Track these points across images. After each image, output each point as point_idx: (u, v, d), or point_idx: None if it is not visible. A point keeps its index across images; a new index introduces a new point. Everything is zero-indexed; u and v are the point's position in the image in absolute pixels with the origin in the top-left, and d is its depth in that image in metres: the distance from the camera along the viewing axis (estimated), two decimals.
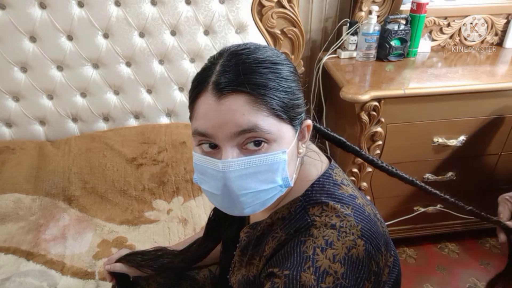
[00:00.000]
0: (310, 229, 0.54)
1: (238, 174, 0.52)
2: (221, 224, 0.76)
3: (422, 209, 1.62)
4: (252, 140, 0.51)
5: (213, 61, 0.55)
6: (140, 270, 0.84)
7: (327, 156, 0.67)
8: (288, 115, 0.53)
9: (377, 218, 0.59)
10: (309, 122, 0.58)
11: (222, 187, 0.53)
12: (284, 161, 0.53)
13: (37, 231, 1.16)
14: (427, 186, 0.70)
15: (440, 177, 1.53)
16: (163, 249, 0.86)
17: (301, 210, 0.57)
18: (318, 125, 0.68)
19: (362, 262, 0.51)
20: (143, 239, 1.16)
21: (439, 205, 1.62)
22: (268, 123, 0.51)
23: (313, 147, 0.66)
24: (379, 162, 0.69)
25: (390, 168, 0.68)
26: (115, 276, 0.88)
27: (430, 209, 1.62)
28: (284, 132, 0.53)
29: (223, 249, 0.80)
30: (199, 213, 1.24)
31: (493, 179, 1.59)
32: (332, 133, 0.70)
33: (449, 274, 1.65)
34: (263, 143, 0.52)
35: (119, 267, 0.86)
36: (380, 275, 0.54)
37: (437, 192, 0.70)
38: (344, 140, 0.70)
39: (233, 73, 0.51)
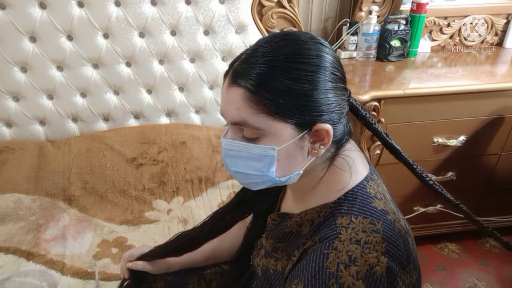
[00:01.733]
0: (334, 241, 0.53)
1: (229, 153, 0.59)
2: (252, 197, 0.75)
3: (422, 209, 1.62)
4: None
5: (249, 47, 0.57)
6: (163, 258, 0.84)
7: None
8: (287, 115, 0.53)
9: (410, 234, 0.59)
10: (326, 127, 0.55)
11: (223, 158, 0.61)
12: (272, 156, 0.55)
13: (37, 231, 1.16)
14: (469, 212, 0.70)
15: (440, 177, 1.53)
16: (185, 232, 0.84)
17: (329, 218, 0.57)
18: (377, 126, 0.66)
19: (384, 281, 0.50)
20: (143, 239, 1.16)
21: (439, 205, 1.62)
22: (258, 120, 0.53)
23: (354, 154, 0.64)
24: (427, 178, 0.68)
25: (436, 187, 0.67)
26: (131, 272, 0.86)
27: (430, 209, 1.62)
28: (278, 130, 0.54)
29: (252, 223, 0.81)
30: (199, 213, 1.24)
31: (493, 179, 1.58)
32: (390, 141, 0.68)
33: (449, 274, 1.65)
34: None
35: (141, 266, 0.84)
36: None
37: (479, 221, 0.71)
38: (400, 150, 0.68)
39: (245, 65, 0.54)
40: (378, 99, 1.30)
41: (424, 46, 1.63)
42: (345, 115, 0.60)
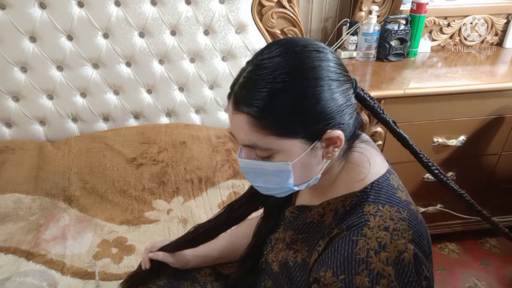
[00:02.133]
0: (363, 228, 0.54)
1: (247, 171, 0.61)
2: None
3: (422, 209, 1.62)
4: None
5: (244, 67, 0.57)
6: (181, 249, 0.85)
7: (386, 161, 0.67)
8: (294, 133, 0.54)
9: (425, 225, 0.59)
10: (336, 133, 0.54)
11: (244, 175, 0.63)
12: (288, 171, 0.57)
13: (37, 231, 1.16)
14: (473, 202, 0.70)
15: None
16: (201, 224, 0.85)
17: (356, 206, 0.57)
18: (385, 115, 0.65)
19: (412, 267, 0.51)
20: (143, 239, 1.16)
21: (439, 205, 1.62)
22: (267, 141, 0.54)
23: (369, 147, 0.65)
24: (433, 167, 0.67)
25: (442, 176, 0.67)
26: (152, 264, 0.87)
27: (430, 209, 1.62)
28: (288, 147, 0.55)
29: (263, 219, 0.81)
30: (199, 213, 1.24)
31: (493, 179, 1.58)
32: (398, 129, 0.66)
33: (449, 274, 1.65)
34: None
35: (162, 256, 0.86)
36: (431, 281, 0.54)
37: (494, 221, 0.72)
38: (408, 138, 0.66)
39: (245, 91, 0.54)
40: (378, 99, 1.30)
41: (424, 46, 1.63)
42: (355, 108, 0.60)
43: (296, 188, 0.60)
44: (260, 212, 0.82)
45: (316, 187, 0.66)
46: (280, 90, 0.51)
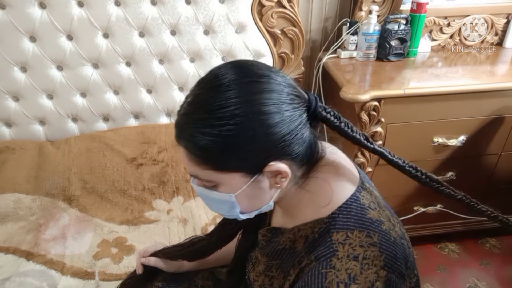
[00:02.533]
0: (332, 259, 0.52)
1: (200, 196, 0.61)
2: None
3: (422, 209, 1.62)
4: None
5: (187, 95, 0.56)
6: (174, 260, 0.85)
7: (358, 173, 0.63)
8: (230, 168, 0.53)
9: (405, 238, 0.58)
10: (277, 166, 0.52)
11: None
12: (233, 202, 0.57)
13: (37, 231, 1.16)
14: (468, 199, 0.66)
15: (440, 177, 1.53)
16: (196, 237, 0.85)
17: (325, 233, 0.55)
18: (355, 134, 0.59)
19: None
20: (143, 239, 1.16)
21: (439, 205, 1.62)
22: (206, 174, 0.54)
23: (344, 160, 0.63)
24: (423, 177, 0.62)
25: (435, 184, 0.62)
26: (145, 269, 0.88)
27: (430, 209, 1.62)
28: (228, 180, 0.54)
29: (242, 235, 0.80)
30: (199, 213, 1.24)
31: (493, 179, 1.58)
32: (372, 145, 0.60)
33: (449, 274, 1.65)
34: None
35: (154, 262, 0.85)
36: None
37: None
38: (386, 152, 0.61)
39: (181, 123, 0.53)
40: (378, 99, 1.30)
41: (424, 46, 1.63)
42: (310, 135, 0.56)
43: (244, 217, 0.60)
44: None
45: (285, 209, 0.65)
46: (211, 126, 0.49)
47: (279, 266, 0.63)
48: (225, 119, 0.49)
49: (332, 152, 0.63)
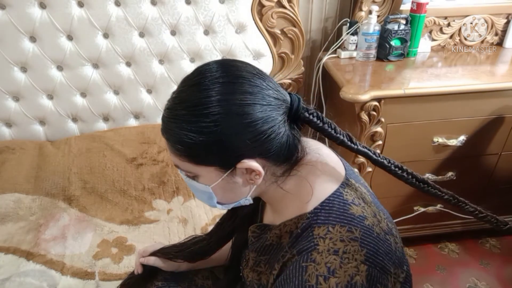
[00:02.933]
0: (312, 253, 0.53)
1: (187, 184, 0.63)
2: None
3: (422, 209, 1.62)
4: None
5: (172, 93, 0.59)
6: (173, 261, 0.85)
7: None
8: (205, 162, 0.56)
9: (392, 233, 0.58)
10: (248, 164, 0.54)
11: None
12: (210, 193, 0.60)
13: (37, 231, 1.16)
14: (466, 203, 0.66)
15: (440, 177, 1.53)
16: (196, 237, 0.87)
17: (307, 228, 0.56)
18: (338, 135, 0.59)
19: None
20: (143, 239, 1.16)
21: (439, 205, 1.62)
22: (185, 165, 0.58)
23: (329, 158, 0.63)
24: (410, 177, 0.61)
25: (420, 183, 0.62)
26: (144, 268, 0.88)
27: (430, 209, 1.62)
28: (204, 172, 0.57)
29: (237, 229, 0.81)
30: (199, 213, 1.24)
31: (493, 179, 1.58)
32: (355, 146, 0.60)
33: (449, 274, 1.65)
34: None
35: (153, 261, 0.86)
36: None
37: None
38: (370, 152, 0.60)
39: (165, 117, 0.56)
40: (378, 99, 1.30)
41: (424, 46, 1.63)
42: (289, 135, 0.56)
43: (222, 207, 0.64)
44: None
45: (272, 205, 0.67)
46: (187, 122, 0.53)
47: (267, 261, 0.64)
48: (201, 117, 0.52)
49: (316, 150, 0.64)
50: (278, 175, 0.60)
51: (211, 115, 0.51)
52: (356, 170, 1.48)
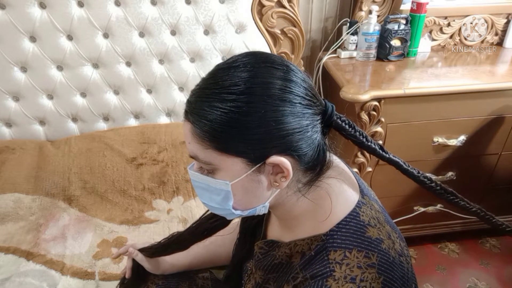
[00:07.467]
0: (328, 279, 0.50)
1: (195, 184, 0.58)
2: None
3: (422, 209, 1.62)
4: None
5: (205, 76, 0.55)
6: (154, 256, 0.84)
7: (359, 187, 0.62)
8: (233, 150, 0.50)
9: (404, 254, 0.57)
10: (279, 160, 0.50)
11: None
12: (227, 191, 0.54)
13: (37, 231, 1.16)
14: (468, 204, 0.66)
15: (440, 177, 1.53)
16: (178, 232, 0.84)
17: (321, 251, 0.53)
18: (370, 143, 0.59)
19: None
20: (143, 239, 1.16)
21: (439, 205, 1.62)
22: (207, 155, 0.52)
23: (346, 173, 0.61)
24: (438, 188, 0.62)
25: (450, 196, 0.62)
26: (132, 270, 0.87)
27: (430, 209, 1.62)
28: (228, 164, 0.52)
29: (239, 241, 0.78)
30: (199, 213, 1.24)
31: (493, 179, 1.58)
32: (387, 155, 0.59)
33: (449, 274, 1.65)
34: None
35: (140, 257, 0.84)
36: None
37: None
38: (401, 162, 0.60)
39: (193, 98, 0.53)
40: (378, 99, 1.30)
41: (424, 45, 1.63)
42: (321, 141, 0.54)
43: (236, 213, 0.57)
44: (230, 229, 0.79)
45: (279, 217, 0.63)
46: (222, 101, 0.48)
47: (276, 279, 0.61)
48: (237, 95, 0.48)
49: (338, 164, 0.62)
50: (303, 182, 0.56)
51: (248, 95, 0.48)
52: (356, 170, 1.49)
